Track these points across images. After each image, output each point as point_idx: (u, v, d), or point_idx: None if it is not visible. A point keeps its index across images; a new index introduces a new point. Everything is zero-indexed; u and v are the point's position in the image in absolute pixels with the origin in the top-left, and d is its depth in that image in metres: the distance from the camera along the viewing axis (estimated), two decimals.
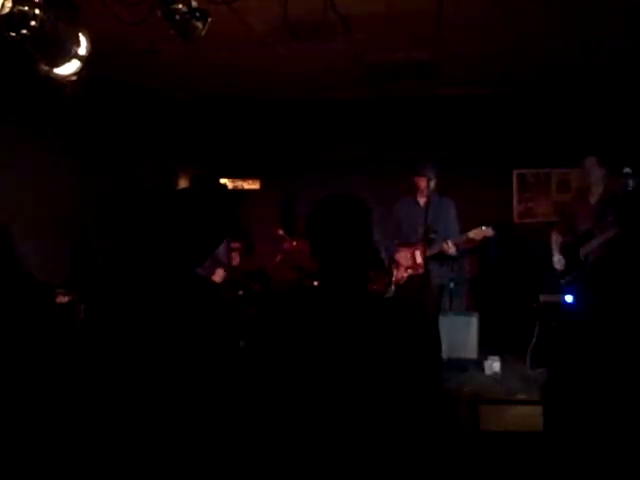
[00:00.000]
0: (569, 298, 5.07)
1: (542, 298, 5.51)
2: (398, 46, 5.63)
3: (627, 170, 4.85)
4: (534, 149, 7.47)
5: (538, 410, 4.26)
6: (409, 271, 5.37)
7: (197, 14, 3.51)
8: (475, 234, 5.18)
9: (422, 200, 5.34)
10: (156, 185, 7.28)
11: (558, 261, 5.31)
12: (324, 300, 1.97)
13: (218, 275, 5.05)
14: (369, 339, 1.88)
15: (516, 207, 7.80)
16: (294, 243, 6.48)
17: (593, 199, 5.19)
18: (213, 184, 6.79)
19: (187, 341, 2.08)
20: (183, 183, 7.61)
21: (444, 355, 4.98)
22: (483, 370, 5.25)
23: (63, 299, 4.55)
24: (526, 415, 4.28)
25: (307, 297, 2.03)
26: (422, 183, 5.31)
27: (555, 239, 5.40)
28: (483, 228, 5.15)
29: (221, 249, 5.09)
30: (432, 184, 5.29)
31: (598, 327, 1.88)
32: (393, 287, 5.37)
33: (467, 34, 5.31)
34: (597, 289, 4.62)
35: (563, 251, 5.32)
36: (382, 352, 1.87)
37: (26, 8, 2.99)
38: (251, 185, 7.96)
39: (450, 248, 5.16)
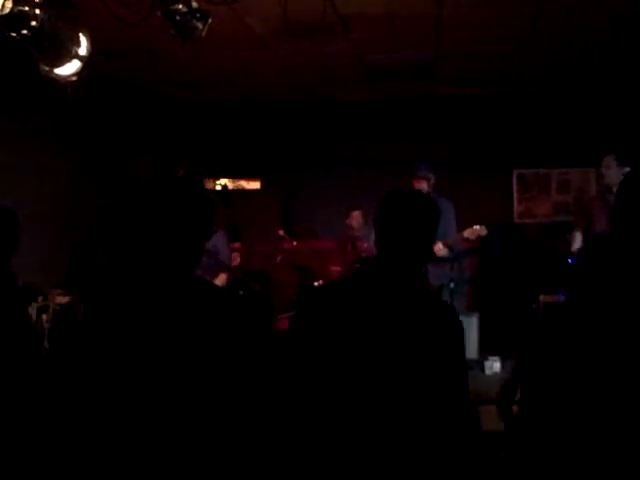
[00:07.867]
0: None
1: (542, 298, 5.50)
2: (398, 46, 5.63)
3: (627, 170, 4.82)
4: (534, 149, 7.47)
5: None
6: None
7: (197, 14, 3.51)
8: (469, 234, 5.16)
9: None
10: (156, 185, 7.27)
11: None
12: (371, 289, 2.06)
13: (221, 279, 5.03)
14: (411, 326, 2.00)
15: (516, 207, 7.80)
16: (294, 243, 6.47)
17: (613, 200, 5.05)
18: (190, 182, 6.74)
19: (186, 341, 2.08)
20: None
21: None
22: (483, 370, 5.23)
23: (63, 299, 4.54)
24: None
25: (352, 285, 2.14)
26: (419, 185, 5.30)
27: (576, 239, 5.21)
28: (477, 227, 5.13)
29: (224, 252, 5.08)
30: (429, 184, 5.27)
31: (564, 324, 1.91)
32: None
33: (467, 34, 5.31)
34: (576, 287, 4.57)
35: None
36: (418, 340, 2.00)
37: (26, 8, 2.98)
38: (251, 185, 7.96)
39: (440, 250, 5.12)
